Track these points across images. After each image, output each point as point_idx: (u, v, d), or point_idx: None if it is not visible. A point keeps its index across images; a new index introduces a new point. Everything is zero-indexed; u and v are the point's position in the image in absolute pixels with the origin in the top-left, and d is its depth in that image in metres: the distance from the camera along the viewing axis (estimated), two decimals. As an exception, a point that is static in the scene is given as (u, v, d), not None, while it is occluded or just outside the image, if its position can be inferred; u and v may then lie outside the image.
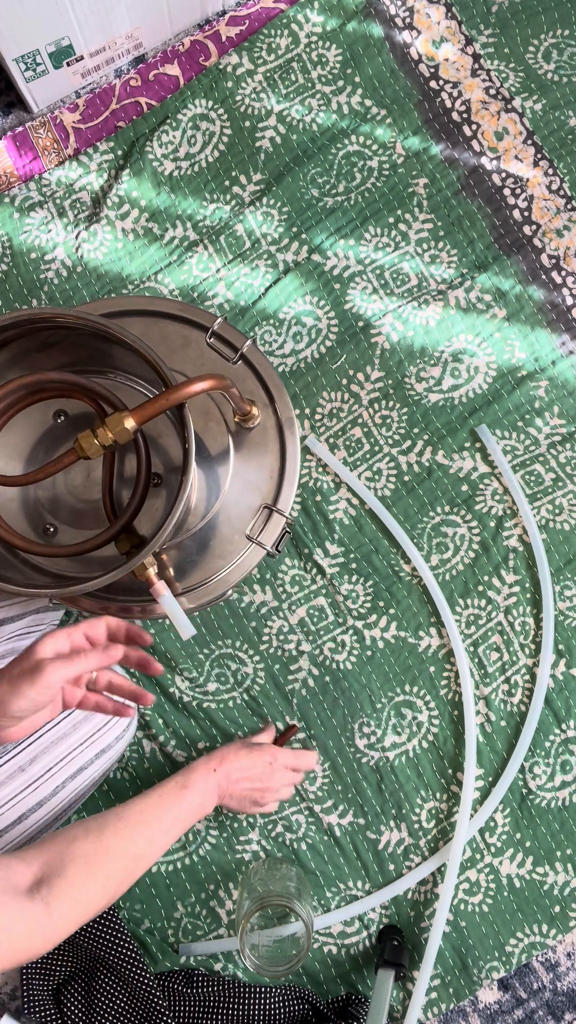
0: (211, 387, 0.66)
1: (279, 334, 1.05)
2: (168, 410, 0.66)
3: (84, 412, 0.81)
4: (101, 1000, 0.90)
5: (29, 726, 0.62)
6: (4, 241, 1.07)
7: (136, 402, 0.70)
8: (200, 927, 0.95)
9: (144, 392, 0.82)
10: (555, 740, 0.97)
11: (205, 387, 0.65)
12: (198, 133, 1.09)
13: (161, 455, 0.81)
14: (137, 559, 0.68)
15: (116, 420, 0.65)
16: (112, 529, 0.73)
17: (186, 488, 0.67)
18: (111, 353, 0.78)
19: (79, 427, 0.81)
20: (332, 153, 1.09)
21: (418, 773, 0.97)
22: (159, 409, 0.64)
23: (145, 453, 0.72)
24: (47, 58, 1.04)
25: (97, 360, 0.80)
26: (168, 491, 0.80)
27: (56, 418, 0.81)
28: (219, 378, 0.66)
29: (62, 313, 0.70)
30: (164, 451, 0.81)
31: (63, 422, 0.81)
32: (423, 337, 1.04)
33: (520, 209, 1.07)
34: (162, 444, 0.81)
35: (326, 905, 0.95)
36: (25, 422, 0.80)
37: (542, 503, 1.01)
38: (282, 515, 0.81)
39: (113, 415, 0.65)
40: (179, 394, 0.64)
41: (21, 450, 0.81)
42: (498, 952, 0.94)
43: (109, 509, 0.76)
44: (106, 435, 0.65)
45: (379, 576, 1.00)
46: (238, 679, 0.98)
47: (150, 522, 0.80)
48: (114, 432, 0.65)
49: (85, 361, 0.81)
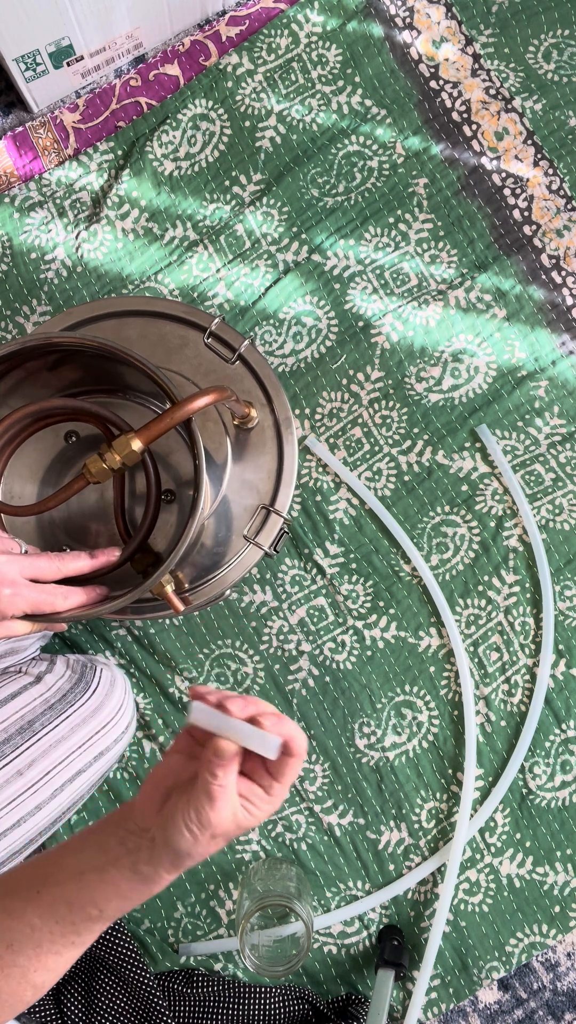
0: (214, 400, 0.66)
1: (279, 334, 1.05)
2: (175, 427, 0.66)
3: (95, 433, 0.82)
4: (101, 1000, 0.90)
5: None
6: (4, 241, 1.07)
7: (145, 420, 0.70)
8: (200, 927, 0.95)
9: (154, 410, 0.82)
10: (555, 740, 0.97)
11: (208, 401, 0.65)
12: (198, 133, 1.09)
13: (171, 471, 0.81)
14: (155, 578, 0.68)
15: (123, 443, 0.65)
16: (127, 549, 0.73)
17: (199, 504, 0.67)
18: (118, 371, 0.79)
19: (91, 447, 0.82)
20: (332, 153, 1.09)
21: (418, 773, 0.97)
22: (164, 428, 0.65)
23: (154, 472, 0.73)
24: (47, 58, 1.05)
25: (106, 378, 0.81)
26: (180, 506, 0.81)
27: (67, 439, 0.82)
28: (221, 390, 0.67)
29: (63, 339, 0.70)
30: (174, 467, 0.81)
31: (74, 443, 0.82)
32: (423, 337, 1.04)
33: (520, 209, 1.07)
34: (172, 460, 0.81)
35: (326, 905, 0.95)
36: (37, 445, 0.81)
37: (542, 503, 1.01)
38: (280, 515, 0.81)
39: (120, 438, 0.66)
40: (183, 411, 0.64)
41: (34, 472, 0.82)
42: (498, 952, 0.94)
43: (122, 530, 0.77)
44: (114, 458, 0.66)
45: (379, 576, 1.00)
46: (238, 679, 0.98)
47: (164, 538, 0.80)
48: (122, 455, 0.66)
49: (94, 379, 0.81)
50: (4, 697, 0.77)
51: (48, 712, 0.77)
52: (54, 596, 0.67)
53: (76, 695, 0.80)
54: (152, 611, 0.81)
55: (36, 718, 0.76)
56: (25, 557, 0.67)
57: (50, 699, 0.79)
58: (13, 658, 0.84)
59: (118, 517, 0.77)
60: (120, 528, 0.77)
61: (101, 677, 0.84)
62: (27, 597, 0.66)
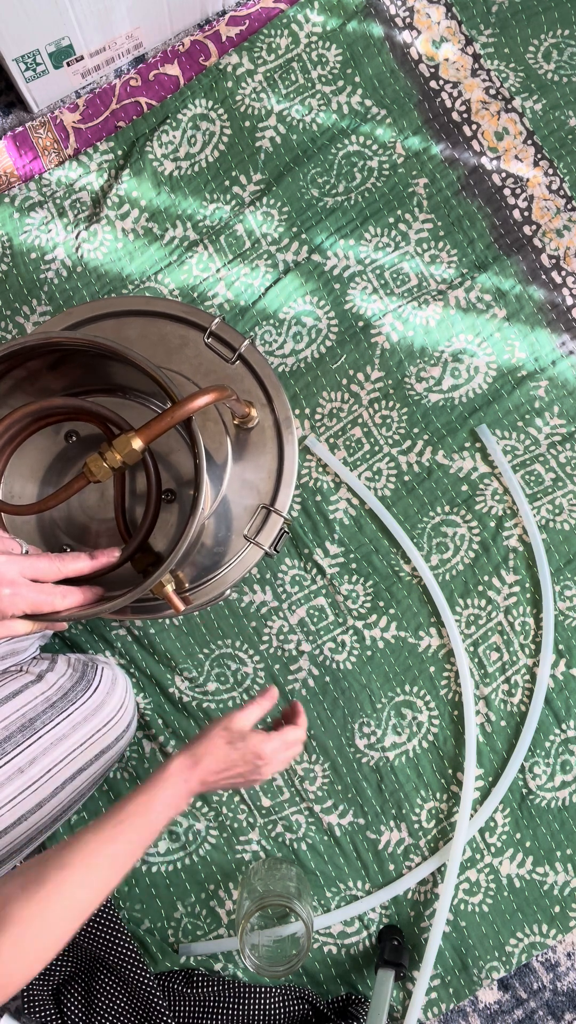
0: (214, 399, 0.66)
1: (279, 334, 1.05)
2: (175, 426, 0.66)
3: (95, 432, 0.82)
4: (101, 1000, 0.90)
5: None
6: (4, 241, 1.07)
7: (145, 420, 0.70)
8: (200, 927, 0.95)
9: (154, 409, 0.82)
10: (555, 740, 0.96)
11: (209, 400, 0.65)
12: (198, 133, 1.09)
13: (171, 470, 0.81)
14: (155, 577, 0.68)
15: (123, 442, 0.65)
16: (127, 549, 0.73)
17: (200, 503, 0.67)
18: (118, 370, 0.79)
19: (90, 447, 0.82)
20: (332, 153, 1.09)
21: (418, 773, 0.97)
22: (165, 427, 0.65)
23: (155, 471, 0.73)
24: (47, 58, 1.05)
25: (106, 378, 0.81)
26: (181, 505, 0.81)
27: (68, 439, 0.82)
28: (221, 389, 0.67)
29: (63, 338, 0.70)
30: (174, 466, 0.81)
31: (75, 443, 0.82)
32: (423, 337, 1.04)
33: (520, 209, 1.07)
34: (172, 460, 0.81)
35: (326, 905, 0.95)
36: (37, 445, 0.81)
37: (542, 503, 1.01)
38: (280, 515, 0.81)
39: (120, 437, 0.66)
40: (184, 410, 0.64)
41: (35, 472, 0.82)
42: (498, 952, 0.94)
43: (123, 528, 0.77)
44: (115, 457, 0.66)
45: (379, 576, 1.00)
46: (238, 679, 0.98)
47: (165, 538, 0.80)
48: (122, 454, 0.66)
49: (95, 379, 0.81)
50: (6, 695, 0.77)
51: (49, 710, 0.77)
52: (53, 596, 0.67)
53: (77, 693, 0.80)
54: (152, 611, 0.81)
55: (37, 716, 0.76)
56: (25, 557, 0.67)
57: (51, 697, 0.78)
58: (14, 659, 0.84)
59: (119, 516, 0.77)
60: (120, 527, 0.77)
61: (102, 676, 0.84)
62: (27, 597, 0.66)
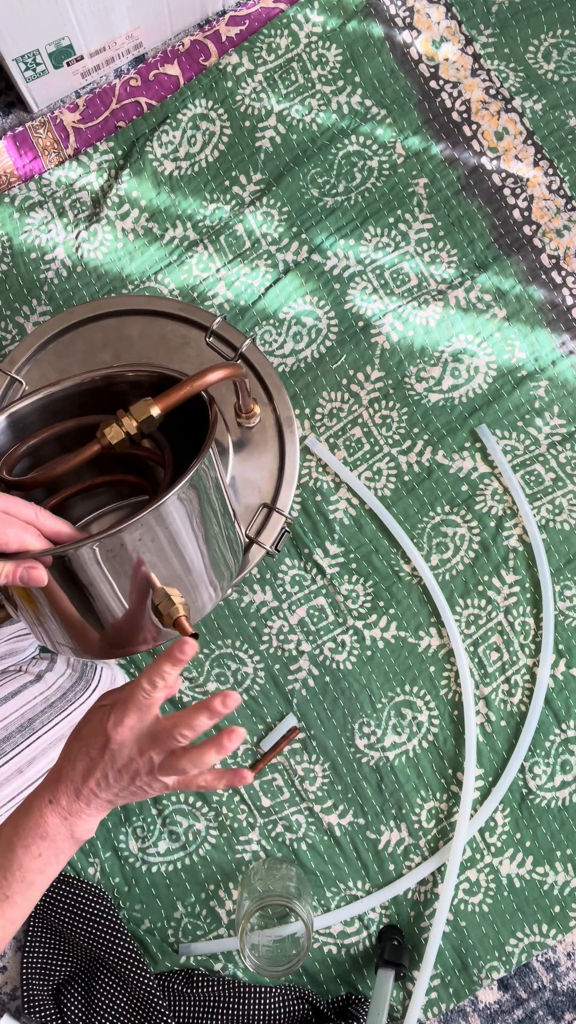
0: (229, 375, 0.67)
1: (279, 334, 1.05)
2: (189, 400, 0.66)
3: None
4: (101, 1000, 0.90)
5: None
6: (4, 241, 1.07)
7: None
8: (200, 927, 0.95)
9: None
10: (555, 740, 0.97)
11: (224, 374, 0.66)
12: (198, 133, 1.09)
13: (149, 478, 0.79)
14: (183, 480, 0.61)
15: (142, 408, 0.64)
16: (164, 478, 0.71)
17: (211, 440, 0.65)
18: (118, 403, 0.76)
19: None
20: (332, 153, 1.09)
21: (418, 773, 0.97)
22: (183, 396, 0.65)
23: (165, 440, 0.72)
24: (47, 58, 1.05)
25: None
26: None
27: None
28: (236, 366, 0.68)
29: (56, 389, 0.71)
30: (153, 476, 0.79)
31: None
32: (423, 337, 1.04)
33: (520, 209, 1.07)
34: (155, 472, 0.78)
35: (326, 905, 0.95)
36: None
37: (542, 503, 1.01)
38: (281, 514, 0.81)
39: (138, 403, 0.64)
40: (201, 381, 0.65)
41: None
42: (498, 952, 0.94)
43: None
44: (131, 423, 0.64)
45: (379, 576, 1.00)
46: (238, 679, 0.98)
47: None
48: (139, 420, 0.64)
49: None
50: (4, 695, 0.77)
51: (48, 710, 0.77)
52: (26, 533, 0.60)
53: (76, 693, 0.80)
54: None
55: (36, 716, 0.76)
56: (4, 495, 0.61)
57: (50, 697, 0.78)
58: (13, 659, 0.84)
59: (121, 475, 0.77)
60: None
61: (101, 675, 0.84)
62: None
